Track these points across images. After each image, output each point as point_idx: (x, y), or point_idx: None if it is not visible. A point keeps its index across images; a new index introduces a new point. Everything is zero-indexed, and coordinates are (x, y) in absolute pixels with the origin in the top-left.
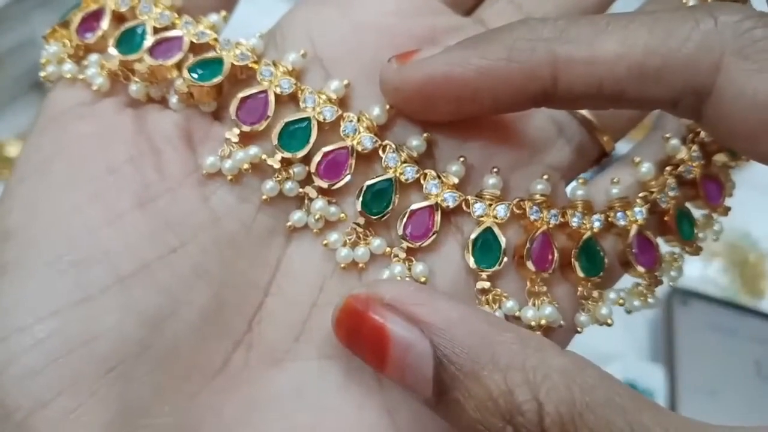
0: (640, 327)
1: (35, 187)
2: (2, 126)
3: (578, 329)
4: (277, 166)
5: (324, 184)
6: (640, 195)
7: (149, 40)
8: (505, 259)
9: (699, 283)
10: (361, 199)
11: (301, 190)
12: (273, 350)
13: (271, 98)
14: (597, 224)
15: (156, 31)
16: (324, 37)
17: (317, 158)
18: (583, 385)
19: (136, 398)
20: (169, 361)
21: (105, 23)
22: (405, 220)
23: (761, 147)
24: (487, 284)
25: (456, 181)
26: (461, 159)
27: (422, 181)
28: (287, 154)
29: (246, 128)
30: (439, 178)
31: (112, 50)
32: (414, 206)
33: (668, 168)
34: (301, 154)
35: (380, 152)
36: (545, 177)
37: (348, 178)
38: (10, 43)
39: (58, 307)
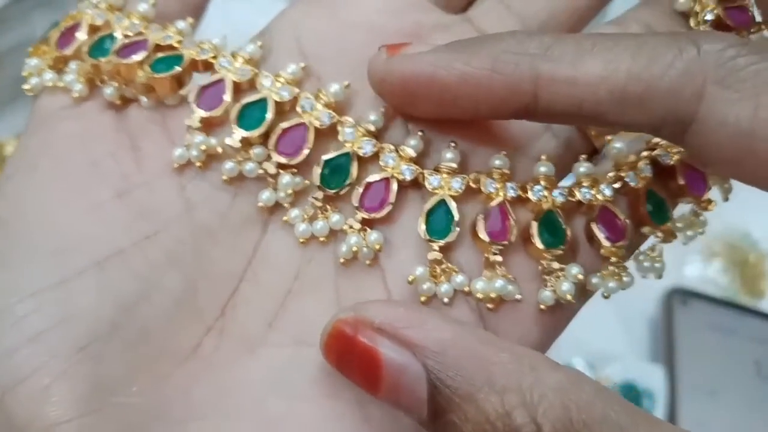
0: (640, 327)
1: (22, 183)
2: (2, 126)
3: (541, 306)
4: (236, 146)
5: (283, 160)
6: (610, 174)
7: (118, 44)
8: (458, 229)
9: (699, 283)
10: (319, 173)
11: (260, 171)
12: (246, 336)
13: (229, 84)
14: (560, 198)
15: (126, 38)
16: (312, 37)
17: (275, 135)
18: (579, 403)
19: (107, 377)
20: (140, 343)
21: (82, 34)
22: (361, 191)
23: (746, 170)
24: (438, 255)
25: (413, 154)
26: (420, 133)
27: (380, 155)
28: (244, 133)
29: (203, 113)
30: (397, 151)
31: (86, 56)
32: (370, 178)
33: (644, 153)
34: (258, 132)
35: (339, 128)
36: (503, 153)
37: (306, 152)
38: (10, 43)
39: (37, 289)
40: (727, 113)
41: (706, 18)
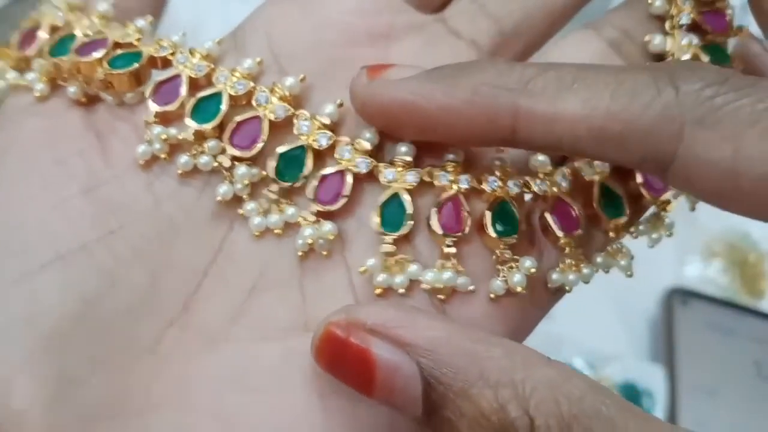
0: (640, 327)
1: None
2: None
3: (491, 295)
4: (190, 139)
5: (237, 153)
6: (566, 165)
7: (77, 43)
8: (411, 223)
9: (699, 283)
10: (274, 166)
11: (215, 163)
12: (208, 331)
13: (185, 79)
14: (515, 189)
15: (86, 37)
16: (283, 35)
17: (230, 128)
18: (569, 397)
19: (70, 371)
20: (104, 337)
21: (43, 34)
22: (316, 184)
23: (732, 205)
24: (391, 248)
25: (368, 147)
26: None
27: (336, 147)
28: (197, 126)
29: (158, 108)
30: (352, 144)
31: (47, 55)
32: (325, 171)
33: None
34: (211, 125)
35: (294, 121)
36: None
37: (261, 145)
38: None
39: (1, 285)
40: (708, 153)
41: (681, 22)
